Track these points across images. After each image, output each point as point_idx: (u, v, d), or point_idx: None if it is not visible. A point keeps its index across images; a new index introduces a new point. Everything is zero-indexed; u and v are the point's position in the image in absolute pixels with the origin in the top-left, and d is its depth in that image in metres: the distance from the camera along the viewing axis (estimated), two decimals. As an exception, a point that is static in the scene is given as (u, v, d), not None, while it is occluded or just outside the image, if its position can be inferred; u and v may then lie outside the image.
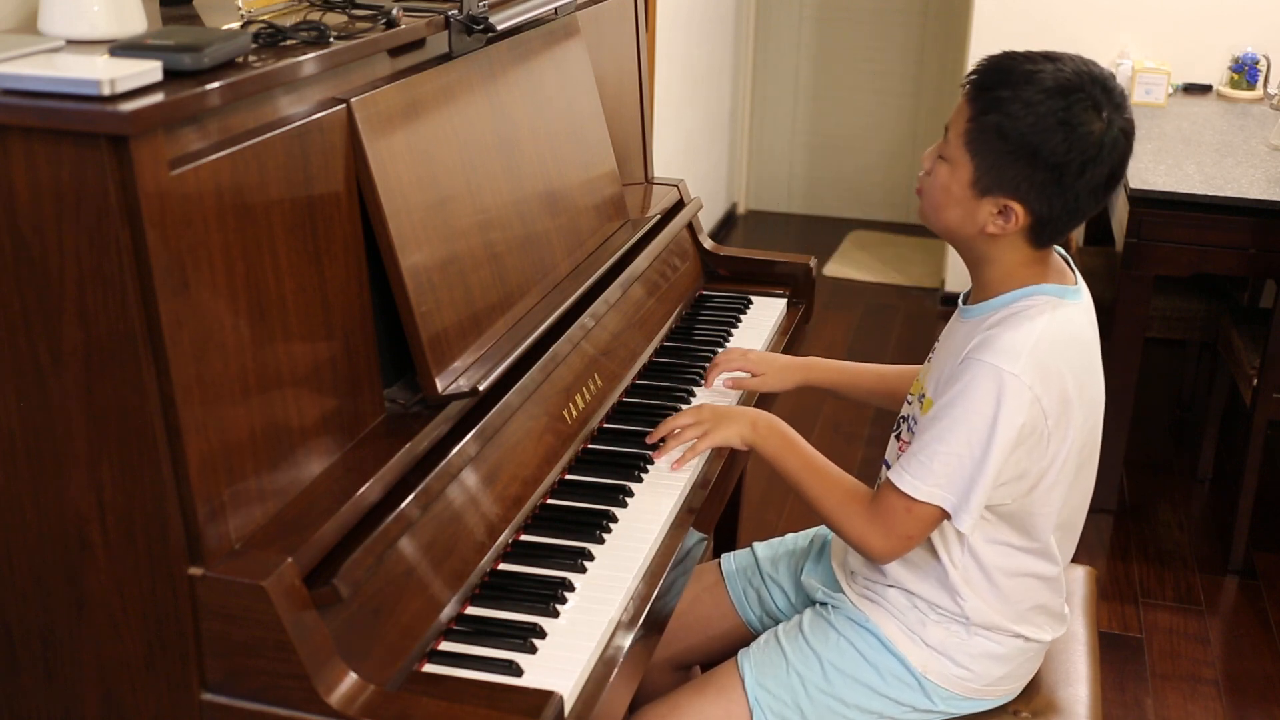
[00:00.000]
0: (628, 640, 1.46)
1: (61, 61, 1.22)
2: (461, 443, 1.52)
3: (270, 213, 1.32)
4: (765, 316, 2.33)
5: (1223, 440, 3.74)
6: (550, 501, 1.69)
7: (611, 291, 1.99)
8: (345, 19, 1.55)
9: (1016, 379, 1.53)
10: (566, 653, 1.40)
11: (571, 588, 1.51)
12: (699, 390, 2.02)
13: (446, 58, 1.70)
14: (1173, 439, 3.86)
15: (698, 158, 4.99)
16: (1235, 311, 3.38)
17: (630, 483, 1.74)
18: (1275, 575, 3.18)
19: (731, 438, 1.78)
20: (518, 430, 1.66)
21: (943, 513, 1.58)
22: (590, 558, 1.57)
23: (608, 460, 1.79)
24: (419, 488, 1.43)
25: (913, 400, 1.72)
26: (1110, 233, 3.63)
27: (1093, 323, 1.66)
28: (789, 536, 2.01)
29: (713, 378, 2.02)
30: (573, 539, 1.60)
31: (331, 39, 1.43)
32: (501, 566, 1.55)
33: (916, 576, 1.69)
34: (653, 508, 1.70)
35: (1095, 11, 4.38)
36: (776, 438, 1.75)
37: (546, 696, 1.28)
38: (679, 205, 2.41)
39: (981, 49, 2.07)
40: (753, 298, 2.38)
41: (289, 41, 1.40)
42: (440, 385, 1.54)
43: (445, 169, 1.64)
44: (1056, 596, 1.74)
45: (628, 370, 2.00)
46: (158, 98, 1.14)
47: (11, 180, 1.15)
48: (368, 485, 1.38)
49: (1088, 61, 1.56)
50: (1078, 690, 1.81)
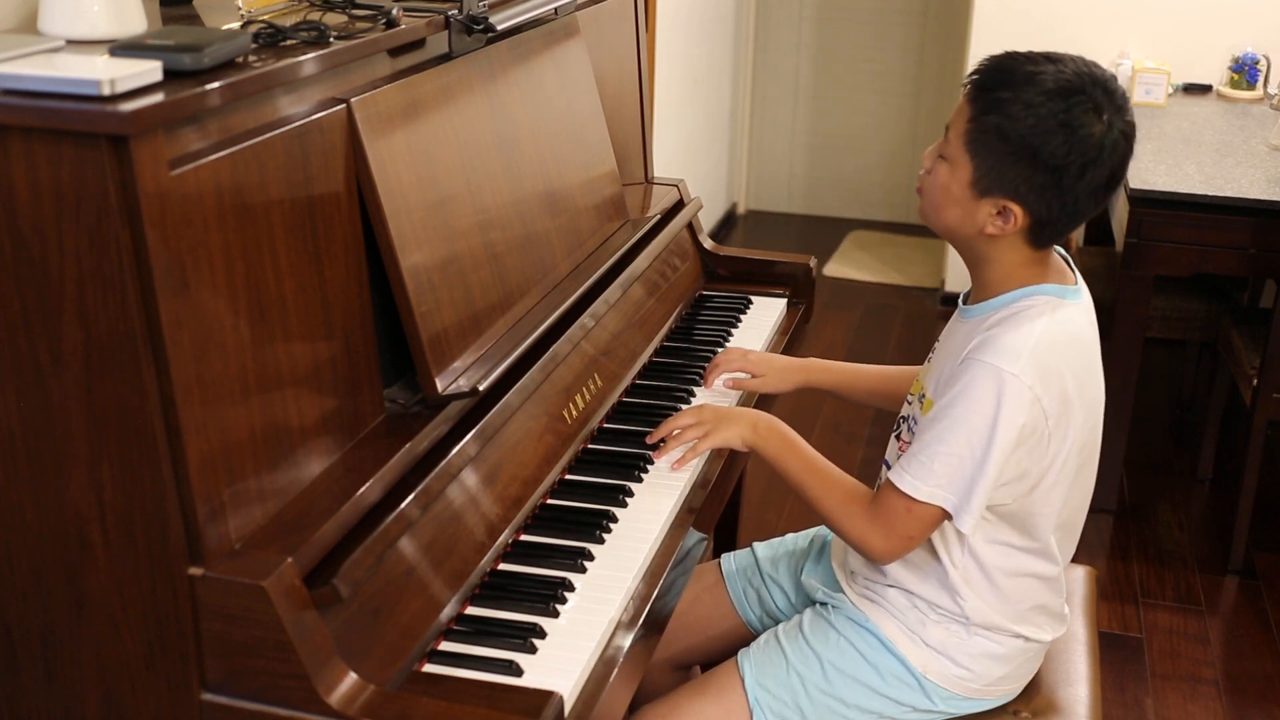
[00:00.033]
0: (628, 640, 1.46)
1: (61, 61, 1.22)
2: (461, 443, 1.52)
3: (270, 213, 1.32)
4: (765, 316, 2.33)
5: (1223, 440, 3.74)
6: (550, 501, 1.69)
7: (611, 291, 1.99)
8: (345, 19, 1.55)
9: (1017, 379, 1.53)
10: (566, 653, 1.40)
11: (571, 588, 1.51)
12: (699, 391, 2.02)
13: (446, 58, 1.70)
14: (1173, 439, 3.86)
15: (698, 158, 4.98)
16: (1235, 311, 3.38)
17: (630, 483, 1.74)
18: (1275, 575, 3.18)
19: (732, 439, 1.78)
20: (518, 430, 1.66)
21: (944, 513, 1.58)
22: (590, 558, 1.57)
23: (608, 460, 1.79)
24: (419, 488, 1.43)
25: (913, 400, 1.72)
26: (1110, 233, 3.63)
27: (1093, 323, 1.66)
28: (789, 536, 2.01)
29: (713, 378, 2.02)
30: (573, 539, 1.60)
31: (331, 39, 1.43)
32: (501, 566, 1.55)
33: (917, 577, 1.69)
34: (653, 508, 1.70)
35: (1095, 11, 4.38)
36: (777, 439, 1.75)
37: (546, 696, 1.28)
38: (679, 205, 2.41)
39: (981, 49, 2.07)
40: (753, 298, 2.38)
41: (289, 41, 1.40)
42: (440, 385, 1.54)
43: (445, 169, 1.64)
44: (1056, 596, 1.74)
45: (628, 370, 2.00)
46: (158, 98, 1.14)
47: (11, 180, 1.15)
48: (368, 485, 1.38)
49: (1089, 63, 1.55)
50: (1078, 690, 1.81)
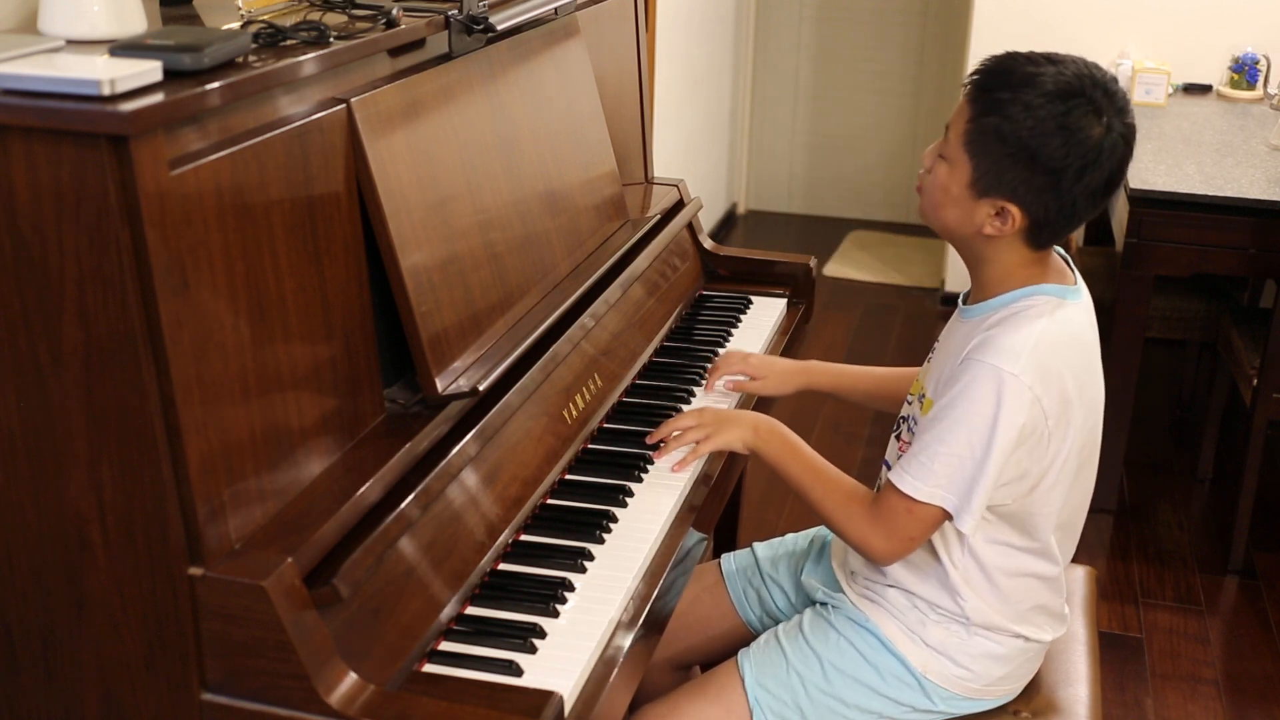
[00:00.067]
0: (628, 640, 1.46)
1: (61, 61, 1.22)
2: (461, 443, 1.52)
3: (270, 213, 1.32)
4: (765, 316, 2.33)
5: (1223, 440, 3.74)
6: (550, 501, 1.69)
7: (611, 291, 1.99)
8: (345, 19, 1.55)
9: (1016, 379, 1.53)
10: (566, 653, 1.40)
11: (571, 588, 1.51)
12: (699, 393, 2.02)
13: (446, 58, 1.70)
14: (1173, 439, 3.86)
15: (698, 158, 4.98)
16: (1235, 311, 3.38)
17: (630, 483, 1.74)
18: (1275, 575, 3.18)
19: (733, 442, 1.78)
20: (518, 430, 1.66)
21: (944, 514, 1.58)
22: (590, 558, 1.57)
23: (608, 460, 1.79)
24: (419, 488, 1.43)
25: (913, 400, 1.72)
26: (1110, 233, 3.63)
27: (1092, 323, 1.65)
28: (789, 537, 2.01)
29: (713, 381, 2.02)
30: (573, 539, 1.60)
31: (331, 39, 1.43)
32: (501, 566, 1.55)
33: (917, 577, 1.69)
34: (653, 508, 1.70)
35: (1095, 11, 4.38)
36: (778, 442, 1.75)
37: (546, 696, 1.28)
38: (679, 205, 2.41)
39: (981, 49, 2.07)
40: (753, 298, 2.38)
41: (289, 41, 1.40)
42: (440, 385, 1.54)
43: (445, 169, 1.64)
44: (1057, 596, 1.74)
45: (628, 370, 2.00)
46: (158, 98, 1.14)
47: (11, 180, 1.15)
48: (368, 485, 1.38)
49: (1090, 64, 1.55)
50: (1078, 690, 1.81)
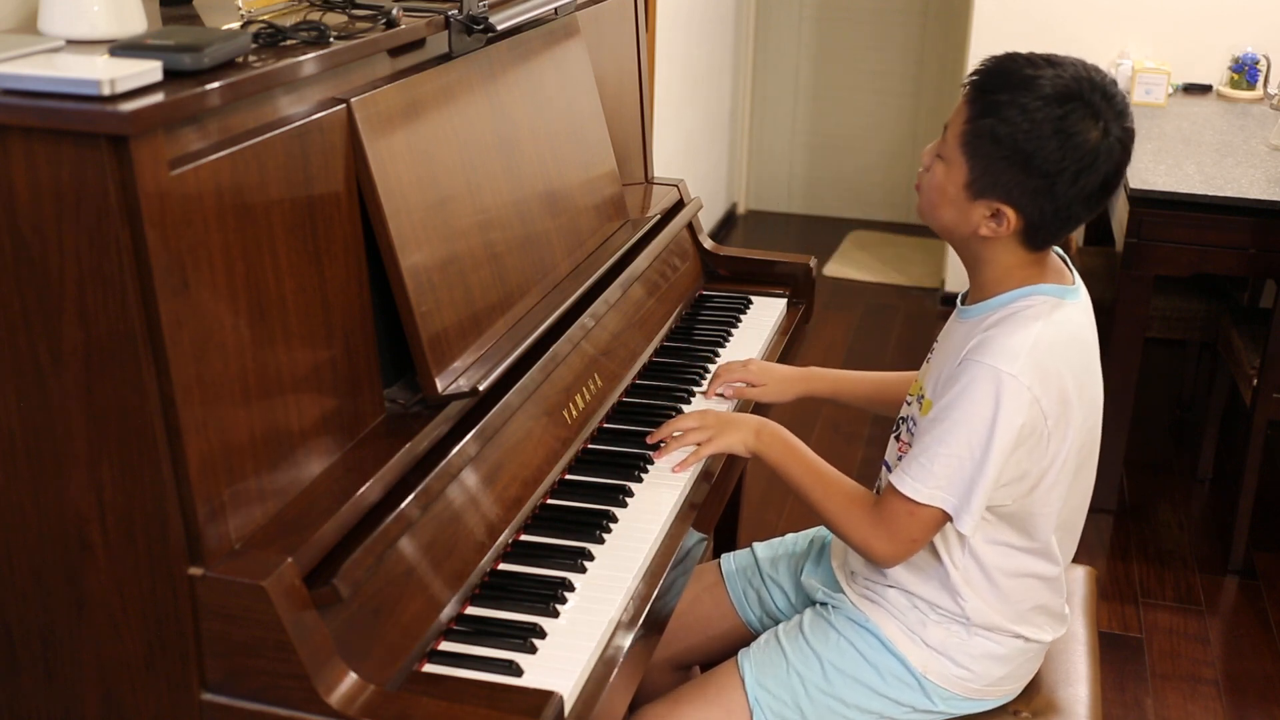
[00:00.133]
0: (628, 640, 1.46)
1: (61, 61, 1.22)
2: (461, 443, 1.52)
3: (270, 213, 1.32)
4: (765, 316, 2.33)
5: (1223, 440, 3.74)
6: (550, 501, 1.69)
7: (611, 291, 1.99)
8: (345, 19, 1.55)
9: (1015, 380, 1.53)
10: (566, 653, 1.40)
11: (571, 588, 1.51)
12: (698, 399, 2.02)
13: (446, 58, 1.70)
14: (1173, 439, 3.86)
15: (698, 158, 4.98)
16: (1235, 311, 3.38)
17: (630, 483, 1.74)
18: (1275, 575, 3.18)
19: (735, 445, 1.78)
20: (518, 430, 1.66)
21: (945, 515, 1.58)
22: (590, 558, 1.57)
23: (608, 460, 1.79)
24: (419, 488, 1.43)
25: (912, 401, 1.72)
26: (1110, 233, 3.63)
27: (1091, 323, 1.65)
28: (789, 537, 2.01)
29: (713, 389, 2.01)
30: (573, 539, 1.60)
31: (331, 39, 1.43)
32: (501, 566, 1.55)
33: (917, 577, 1.69)
34: (653, 508, 1.70)
35: (1095, 11, 4.38)
36: (780, 445, 1.75)
37: (546, 696, 1.28)
38: (679, 205, 2.41)
39: (981, 49, 2.07)
40: (753, 298, 2.38)
41: (289, 41, 1.40)
42: (440, 385, 1.54)
43: (445, 169, 1.64)
44: (1057, 597, 1.74)
45: (628, 370, 2.00)
46: (158, 98, 1.14)
47: (11, 180, 1.15)
48: (368, 485, 1.38)
49: (1090, 67, 1.54)
50: (1078, 690, 1.81)
